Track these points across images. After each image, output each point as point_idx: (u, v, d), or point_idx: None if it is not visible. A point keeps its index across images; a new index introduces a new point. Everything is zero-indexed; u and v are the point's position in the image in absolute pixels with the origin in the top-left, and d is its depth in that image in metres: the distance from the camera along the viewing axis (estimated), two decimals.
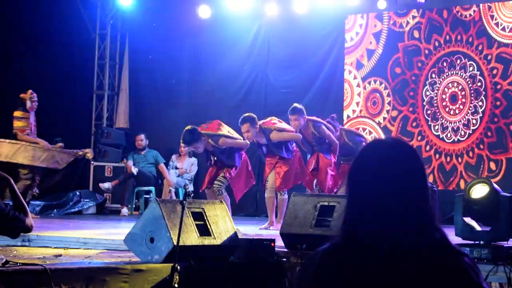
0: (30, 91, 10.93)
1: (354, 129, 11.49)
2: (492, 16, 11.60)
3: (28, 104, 10.85)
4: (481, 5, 11.68)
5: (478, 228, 6.17)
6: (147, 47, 14.44)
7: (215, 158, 9.85)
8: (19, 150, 10.67)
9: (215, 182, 9.71)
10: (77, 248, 7.53)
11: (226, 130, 9.83)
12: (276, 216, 9.86)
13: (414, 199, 2.02)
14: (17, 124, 10.85)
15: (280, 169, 9.84)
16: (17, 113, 10.89)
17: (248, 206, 12.86)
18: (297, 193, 7.33)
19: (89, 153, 11.67)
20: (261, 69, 13.55)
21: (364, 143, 8.78)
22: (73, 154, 11.39)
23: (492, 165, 11.45)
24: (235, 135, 9.85)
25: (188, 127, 9.82)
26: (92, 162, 13.39)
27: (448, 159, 11.83)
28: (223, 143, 9.63)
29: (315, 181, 10.12)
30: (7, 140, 10.70)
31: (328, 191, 9.78)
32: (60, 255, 6.71)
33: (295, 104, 10.03)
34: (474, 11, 11.76)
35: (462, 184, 11.36)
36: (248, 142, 9.84)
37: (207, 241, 6.39)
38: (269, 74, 13.50)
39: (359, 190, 2.06)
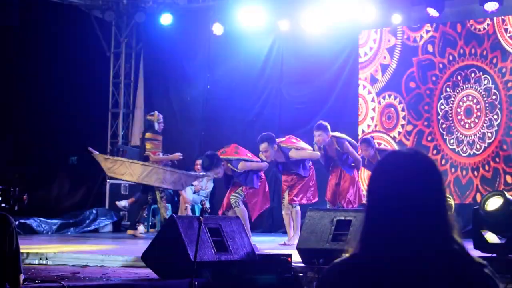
0: (156, 113, 11.43)
1: (386, 147, 11.46)
2: (506, 29, 11.59)
3: (156, 126, 11.27)
4: (494, 18, 11.66)
5: (496, 240, 6.15)
6: (161, 65, 14.50)
7: (234, 180, 9.84)
8: (151, 172, 10.94)
9: (232, 195, 9.69)
10: (95, 266, 7.55)
11: (244, 153, 9.83)
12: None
13: (432, 211, 2.02)
14: (148, 146, 11.19)
15: (294, 185, 9.87)
16: (148, 135, 11.27)
17: (264, 222, 12.85)
18: (313, 208, 7.32)
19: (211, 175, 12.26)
20: (275, 85, 13.57)
21: None
22: (195, 176, 11.73)
23: (509, 179, 11.40)
24: (253, 157, 9.83)
25: (207, 152, 9.81)
26: (108, 180, 13.43)
27: (464, 172, 11.79)
28: (242, 167, 9.61)
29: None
30: (141, 162, 11.02)
31: (347, 206, 9.79)
32: (78, 273, 6.74)
33: (321, 121, 10.12)
34: (488, 24, 11.75)
35: (478, 198, 11.30)
36: (267, 164, 9.85)
37: (224, 257, 6.40)
38: (283, 90, 13.51)
39: (377, 202, 2.06)
